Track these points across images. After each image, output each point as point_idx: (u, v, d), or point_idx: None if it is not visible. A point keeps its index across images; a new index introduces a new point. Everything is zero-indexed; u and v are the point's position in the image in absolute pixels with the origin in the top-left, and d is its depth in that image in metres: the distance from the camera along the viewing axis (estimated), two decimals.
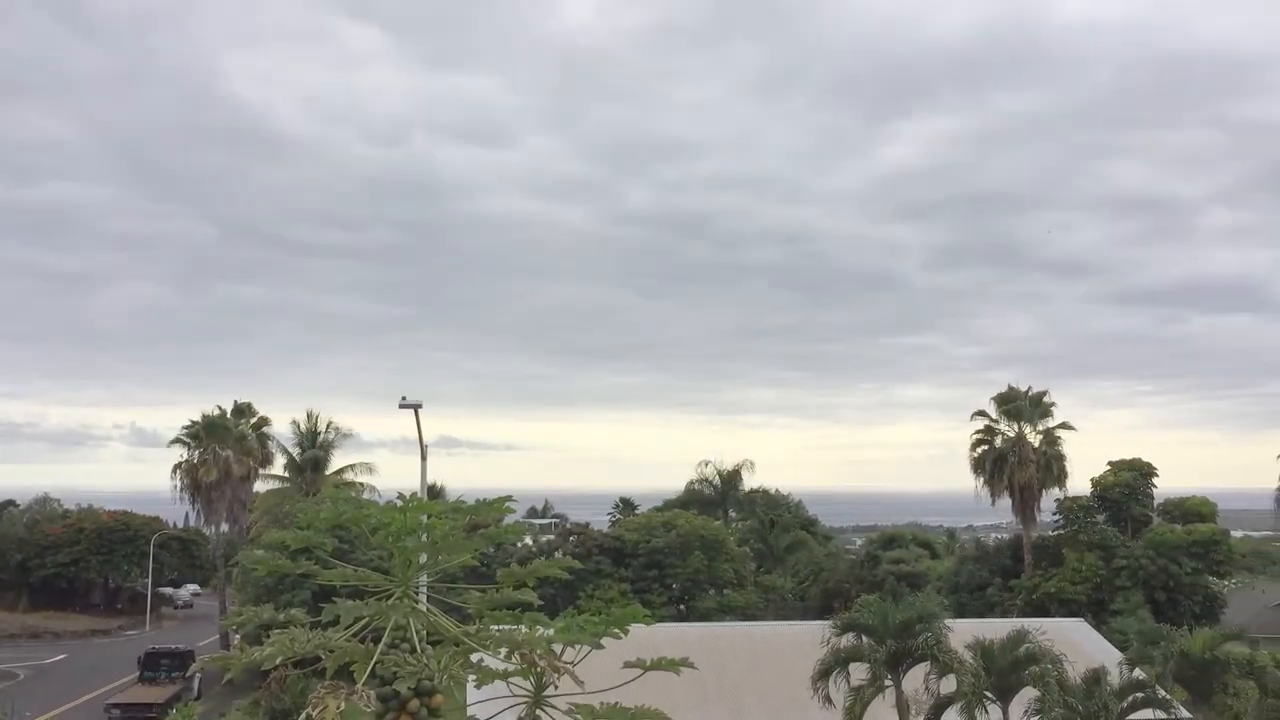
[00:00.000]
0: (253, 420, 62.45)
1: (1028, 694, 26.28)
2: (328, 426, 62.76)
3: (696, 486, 74.33)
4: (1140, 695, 26.64)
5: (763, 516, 71.86)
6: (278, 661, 3.72)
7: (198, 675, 46.01)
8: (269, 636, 3.70)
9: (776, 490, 77.03)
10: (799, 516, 75.83)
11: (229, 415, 61.64)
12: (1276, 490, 59.01)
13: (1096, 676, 26.44)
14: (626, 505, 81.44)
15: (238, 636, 44.87)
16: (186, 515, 68.67)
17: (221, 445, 59.31)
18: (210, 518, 61.10)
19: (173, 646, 51.46)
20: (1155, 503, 63.88)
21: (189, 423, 60.71)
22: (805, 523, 75.98)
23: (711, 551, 58.79)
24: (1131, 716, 26.37)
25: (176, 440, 60.91)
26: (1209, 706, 27.58)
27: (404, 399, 31.12)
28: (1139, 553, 57.95)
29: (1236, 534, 76.04)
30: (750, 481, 74.55)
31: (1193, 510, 63.34)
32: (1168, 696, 27.04)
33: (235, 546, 60.06)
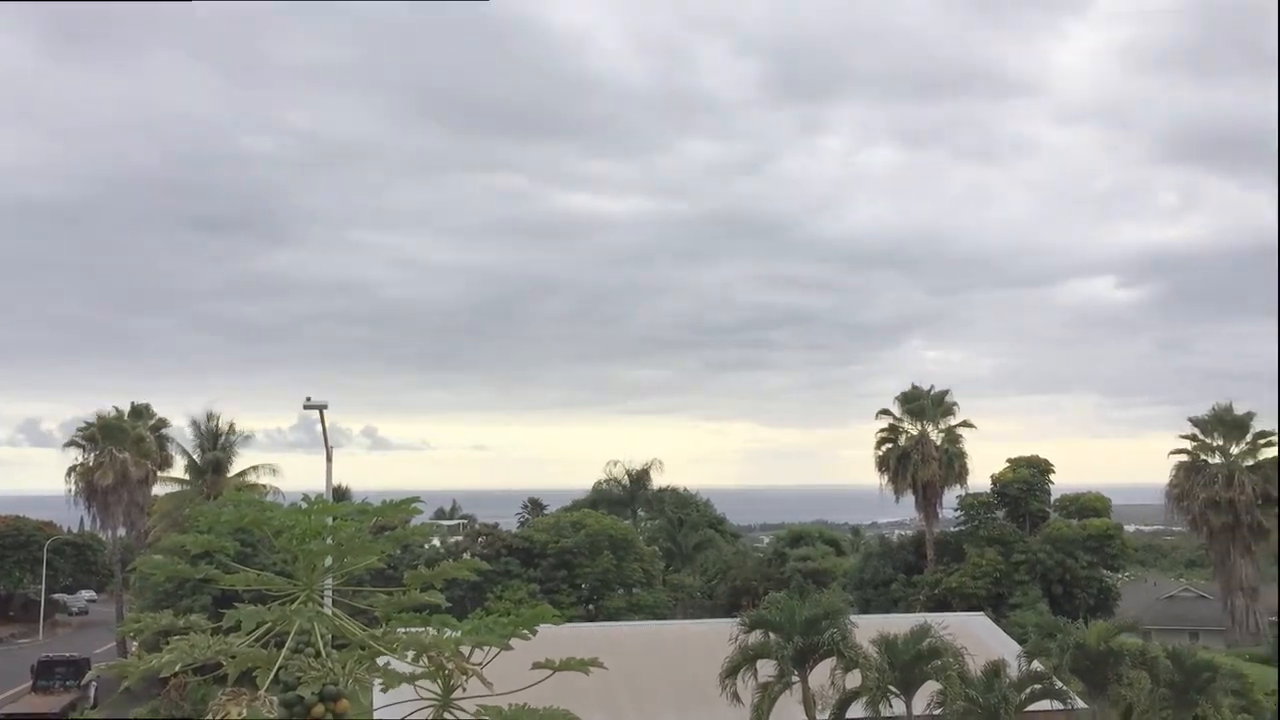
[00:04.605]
0: (151, 422, 61.31)
1: (931, 687, 26.79)
2: (230, 427, 61.39)
3: (605, 486, 74.47)
4: (1038, 687, 27.36)
5: (671, 516, 72.13)
6: (177, 668, 3.63)
7: (94, 684, 44.71)
8: (168, 643, 3.61)
9: (684, 489, 77.38)
10: (707, 515, 76.23)
11: (126, 416, 60.49)
12: (1167, 486, 60.84)
13: (996, 669, 27.06)
14: (535, 506, 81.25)
15: (135, 644, 44.02)
16: (81, 519, 66.88)
17: (119, 448, 58.00)
18: (107, 522, 59.88)
19: (67, 655, 50.05)
20: (1052, 499, 65.55)
21: (84, 424, 59.49)
22: (713, 521, 76.42)
23: (620, 551, 58.90)
24: (1030, 707, 27.03)
25: (71, 442, 59.53)
26: (1104, 697, 28.27)
27: (309, 399, 30.77)
28: (1037, 547, 59.47)
29: (1129, 529, 78.36)
30: (659, 480, 74.80)
31: (1088, 506, 64.96)
32: (1064, 688, 27.79)
33: (133, 551, 58.62)
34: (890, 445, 61.44)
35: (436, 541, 60.89)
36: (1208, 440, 59.96)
